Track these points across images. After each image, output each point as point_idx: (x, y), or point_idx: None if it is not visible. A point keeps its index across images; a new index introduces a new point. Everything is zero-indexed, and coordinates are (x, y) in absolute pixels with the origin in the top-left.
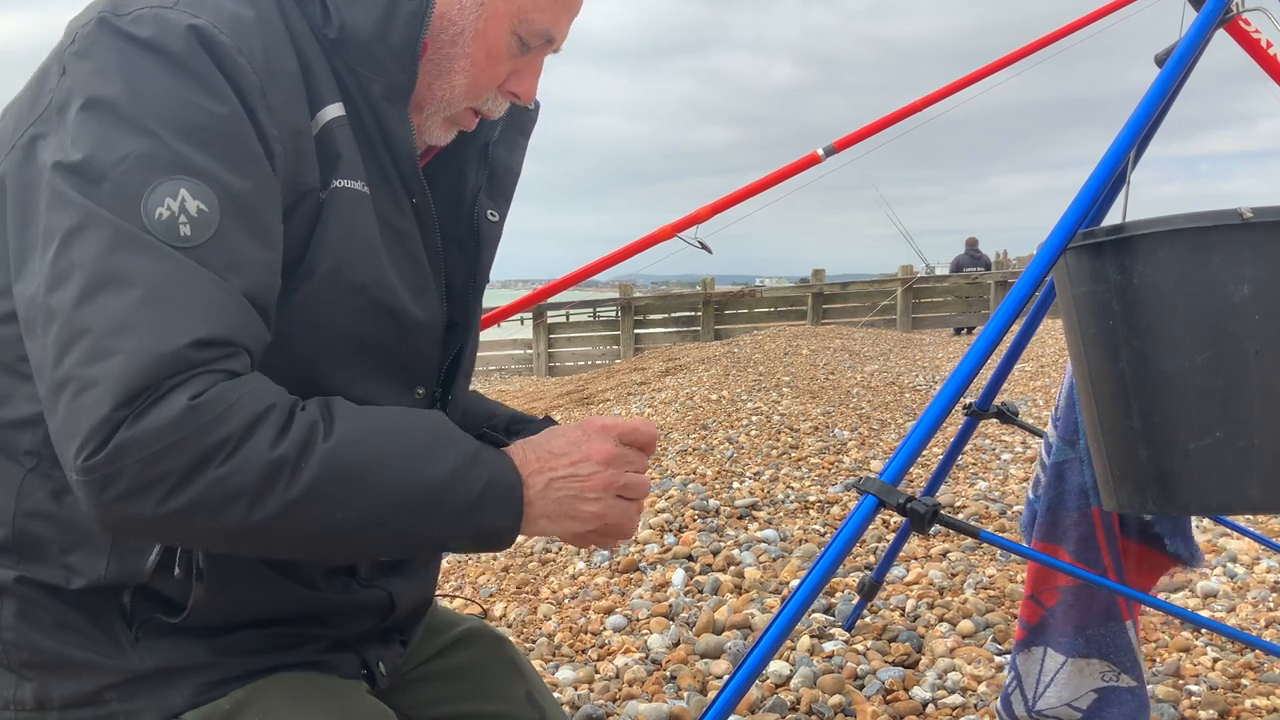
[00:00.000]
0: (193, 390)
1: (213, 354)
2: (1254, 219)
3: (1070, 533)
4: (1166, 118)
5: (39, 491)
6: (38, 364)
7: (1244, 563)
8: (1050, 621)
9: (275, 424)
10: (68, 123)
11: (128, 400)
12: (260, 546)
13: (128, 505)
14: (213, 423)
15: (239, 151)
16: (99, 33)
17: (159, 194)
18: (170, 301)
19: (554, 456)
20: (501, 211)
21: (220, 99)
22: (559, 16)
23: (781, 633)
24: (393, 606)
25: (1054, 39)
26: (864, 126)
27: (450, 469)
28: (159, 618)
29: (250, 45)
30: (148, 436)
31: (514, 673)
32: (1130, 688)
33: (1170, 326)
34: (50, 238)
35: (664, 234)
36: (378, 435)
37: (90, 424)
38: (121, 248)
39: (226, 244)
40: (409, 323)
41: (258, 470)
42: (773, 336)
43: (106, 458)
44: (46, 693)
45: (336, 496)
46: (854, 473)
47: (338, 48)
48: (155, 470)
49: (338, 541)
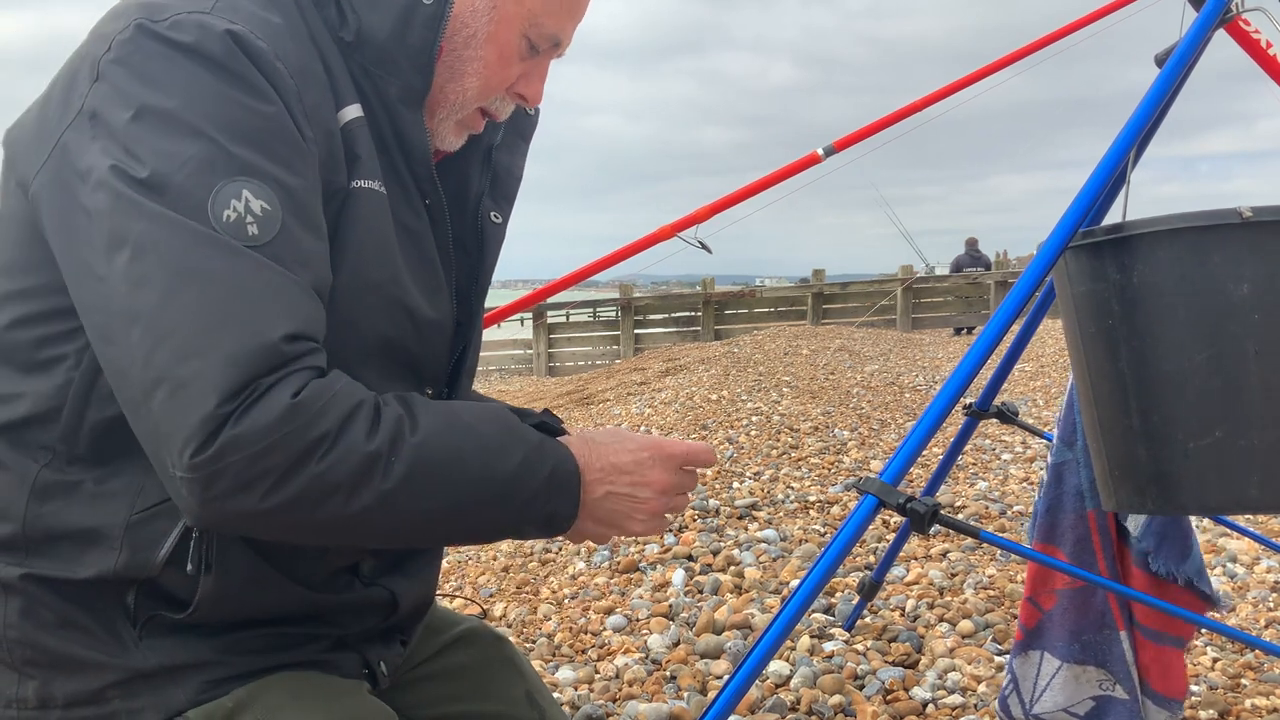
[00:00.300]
0: (292, 387)
1: (300, 348)
2: (1253, 218)
3: (1067, 535)
4: (1166, 118)
5: (52, 487)
6: (119, 368)
7: (1244, 563)
8: (1047, 625)
9: (366, 419)
10: (117, 131)
11: (231, 396)
12: (351, 536)
13: (231, 502)
14: (312, 420)
15: (289, 149)
16: (139, 38)
17: (223, 196)
18: (255, 298)
19: (618, 472)
20: (504, 214)
21: (266, 99)
22: (566, 21)
23: (781, 633)
24: (395, 605)
25: (1054, 39)
26: (864, 126)
27: (520, 459)
28: (163, 615)
29: (284, 49)
30: (254, 434)
31: (513, 673)
32: (1124, 701)
33: (1170, 326)
34: (120, 244)
35: (664, 234)
36: (455, 429)
37: (194, 421)
38: (198, 248)
39: (291, 240)
40: (423, 322)
41: (355, 464)
42: (773, 336)
43: (213, 456)
44: (49, 691)
45: (424, 488)
46: (854, 473)
47: (353, 50)
48: (259, 467)
49: (421, 530)
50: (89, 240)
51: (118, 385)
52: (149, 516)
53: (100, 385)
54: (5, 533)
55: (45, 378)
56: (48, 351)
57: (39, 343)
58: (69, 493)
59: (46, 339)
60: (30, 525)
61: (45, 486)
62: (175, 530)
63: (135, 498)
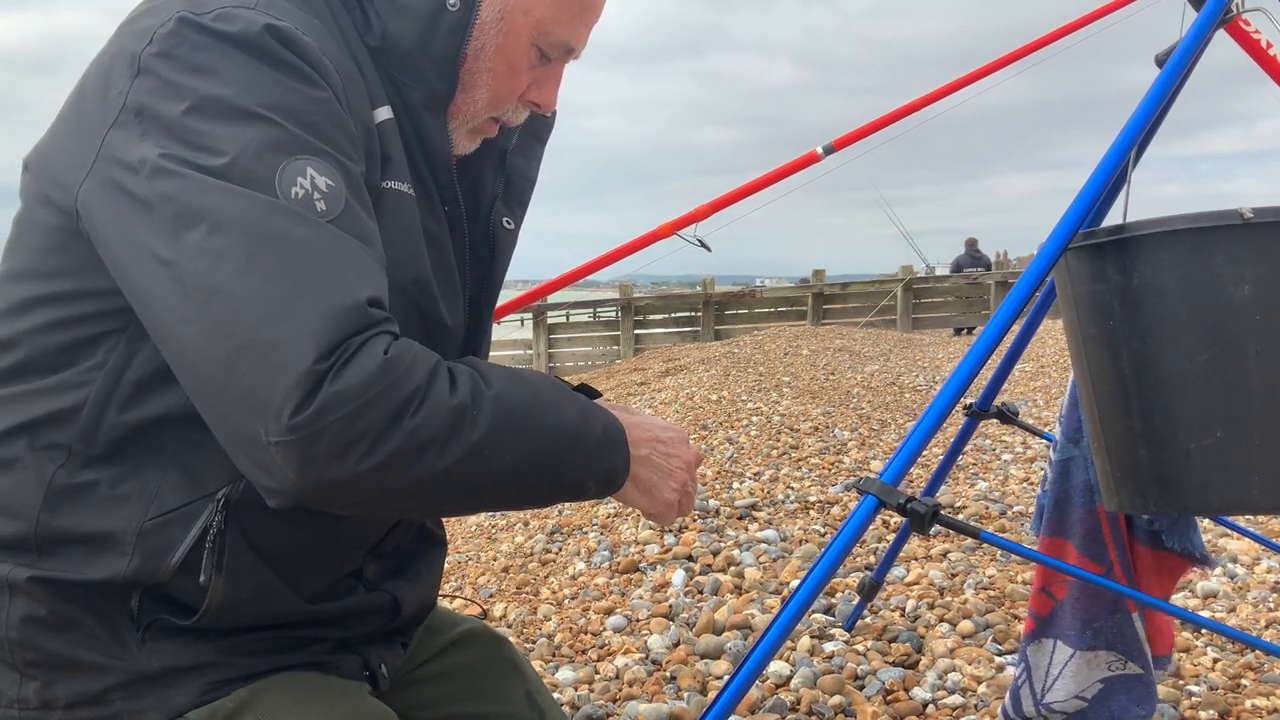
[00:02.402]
0: (383, 345)
1: (383, 314)
2: (1255, 219)
3: (1077, 527)
4: (1166, 118)
5: (67, 489)
6: (194, 347)
7: (1244, 563)
8: (1060, 613)
9: (446, 375)
10: (172, 124)
11: (328, 352)
12: (435, 499)
13: (330, 466)
14: (404, 375)
15: (342, 134)
16: (184, 31)
17: (289, 173)
18: (336, 263)
19: (657, 440)
20: (517, 220)
21: (318, 86)
22: (578, 27)
23: (782, 633)
24: (398, 609)
25: (1054, 39)
26: (863, 125)
27: (579, 412)
28: (166, 618)
29: (328, 47)
30: (354, 389)
31: (513, 673)
32: (1137, 675)
33: (1171, 327)
34: (191, 223)
35: (663, 232)
36: (522, 384)
37: (290, 380)
38: (274, 217)
39: (356, 217)
40: (438, 327)
41: (445, 417)
42: (773, 337)
43: (314, 414)
44: (51, 692)
45: (507, 439)
46: (854, 473)
47: (378, 55)
48: (359, 425)
49: (501, 486)
50: (151, 229)
51: (192, 368)
52: (163, 523)
53: (122, 388)
54: (16, 533)
55: (68, 379)
56: (75, 354)
57: (68, 347)
58: (83, 495)
59: (76, 343)
60: (42, 526)
61: (60, 488)
62: (189, 537)
63: (150, 503)
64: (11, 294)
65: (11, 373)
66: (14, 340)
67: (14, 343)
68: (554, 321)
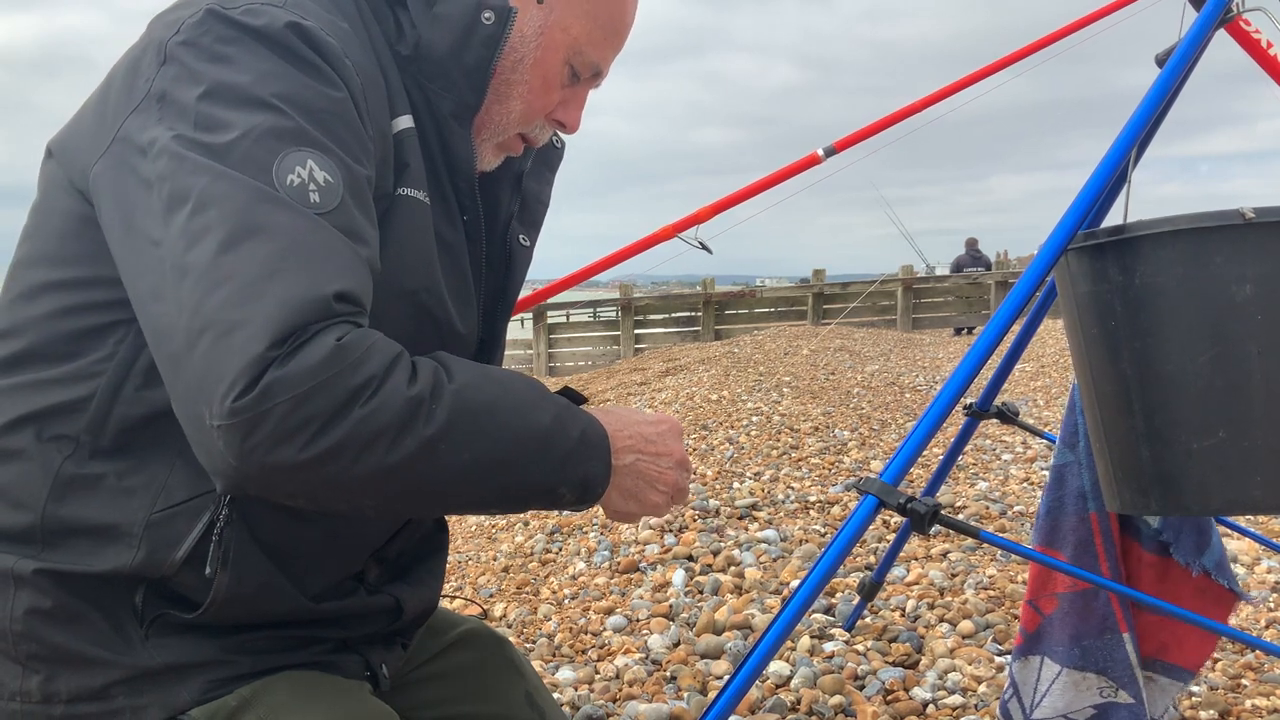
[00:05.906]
0: (337, 333)
1: (350, 308)
2: (1255, 219)
3: (1068, 538)
4: (1167, 118)
5: (74, 480)
6: (164, 324)
7: (1244, 563)
8: (1048, 629)
9: (406, 366)
10: (186, 107)
11: (280, 340)
12: (387, 495)
13: (272, 452)
14: (357, 363)
15: (352, 137)
16: (210, 21)
17: (288, 163)
18: (313, 254)
19: (643, 440)
20: (532, 239)
21: (335, 86)
22: (608, 50)
23: (782, 633)
24: (400, 612)
25: (1054, 39)
26: (864, 127)
27: (553, 415)
28: (171, 614)
29: (351, 50)
30: (299, 375)
31: (513, 673)
32: (1129, 705)
33: (1172, 327)
34: (180, 203)
35: (664, 234)
36: (491, 381)
37: (240, 364)
38: (260, 204)
39: (350, 214)
40: (450, 335)
41: (398, 408)
42: (773, 337)
43: (256, 399)
44: (53, 686)
45: (466, 436)
46: (854, 473)
47: (408, 63)
48: (303, 412)
49: (458, 486)
50: (148, 208)
51: (159, 343)
52: (170, 515)
53: (131, 380)
54: (23, 524)
55: (78, 368)
56: (83, 344)
57: (76, 335)
58: (90, 487)
59: (84, 331)
60: (49, 518)
61: (67, 479)
62: (195, 530)
63: (157, 495)
64: (23, 280)
65: (16, 361)
66: (20, 327)
67: (20, 330)
68: (554, 321)
